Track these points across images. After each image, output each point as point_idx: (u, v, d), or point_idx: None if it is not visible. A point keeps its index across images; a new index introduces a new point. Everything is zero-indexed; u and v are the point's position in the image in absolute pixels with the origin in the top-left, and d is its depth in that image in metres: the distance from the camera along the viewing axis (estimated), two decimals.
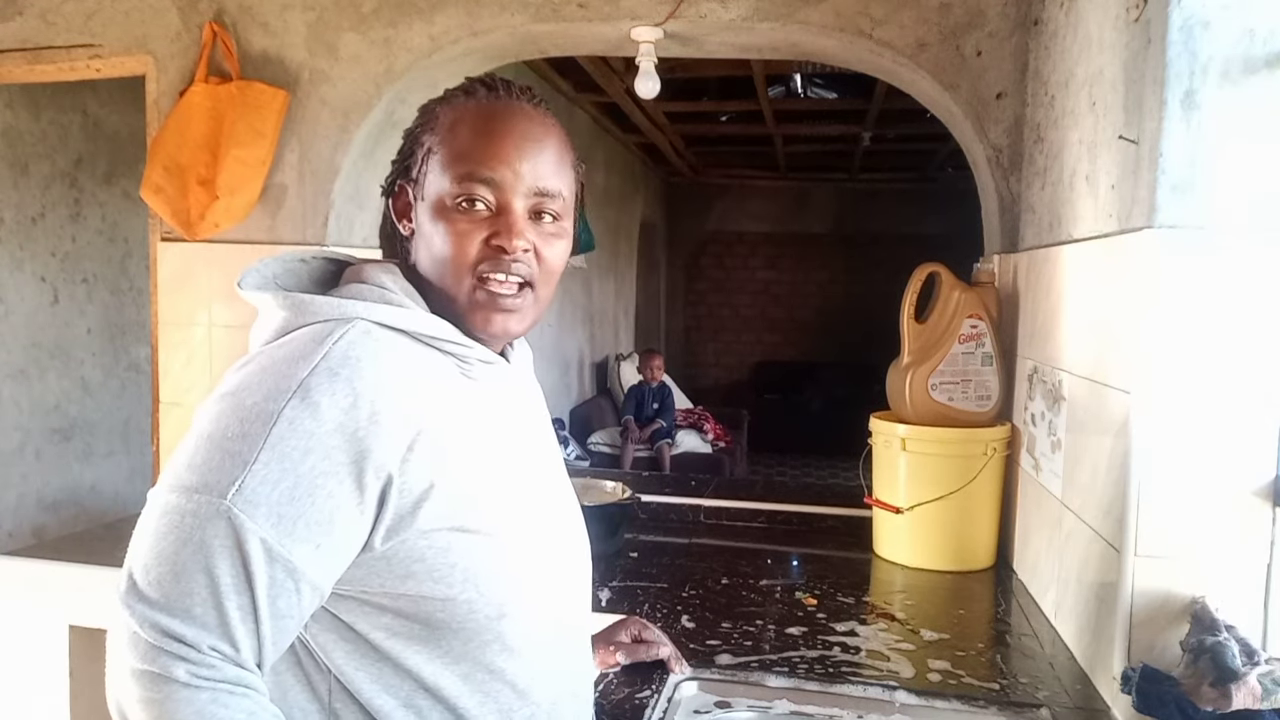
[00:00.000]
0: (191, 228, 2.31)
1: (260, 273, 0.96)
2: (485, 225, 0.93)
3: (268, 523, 0.78)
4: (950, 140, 2.54)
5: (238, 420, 0.80)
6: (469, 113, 0.97)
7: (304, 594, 0.81)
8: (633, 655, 1.35)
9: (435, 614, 0.87)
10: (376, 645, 0.87)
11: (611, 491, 2.16)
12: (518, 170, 0.93)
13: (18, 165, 3.06)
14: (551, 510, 1.03)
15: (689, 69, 4.78)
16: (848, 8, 2.13)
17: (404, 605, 0.86)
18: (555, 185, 0.96)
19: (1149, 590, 1.21)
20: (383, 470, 0.82)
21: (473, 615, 0.88)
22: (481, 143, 0.94)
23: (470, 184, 0.93)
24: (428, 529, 0.85)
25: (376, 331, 0.88)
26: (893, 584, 1.91)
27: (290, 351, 0.85)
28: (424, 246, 0.96)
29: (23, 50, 2.49)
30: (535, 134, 0.96)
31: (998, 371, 1.97)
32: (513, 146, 0.94)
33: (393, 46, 2.32)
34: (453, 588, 0.87)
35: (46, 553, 2.12)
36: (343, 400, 0.81)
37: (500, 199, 0.93)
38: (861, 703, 1.36)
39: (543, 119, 0.98)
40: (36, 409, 3.16)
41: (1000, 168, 2.10)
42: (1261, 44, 1.13)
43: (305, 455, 0.79)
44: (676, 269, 9.85)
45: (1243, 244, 1.16)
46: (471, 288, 0.94)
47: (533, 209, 0.95)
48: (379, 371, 0.85)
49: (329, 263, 1.04)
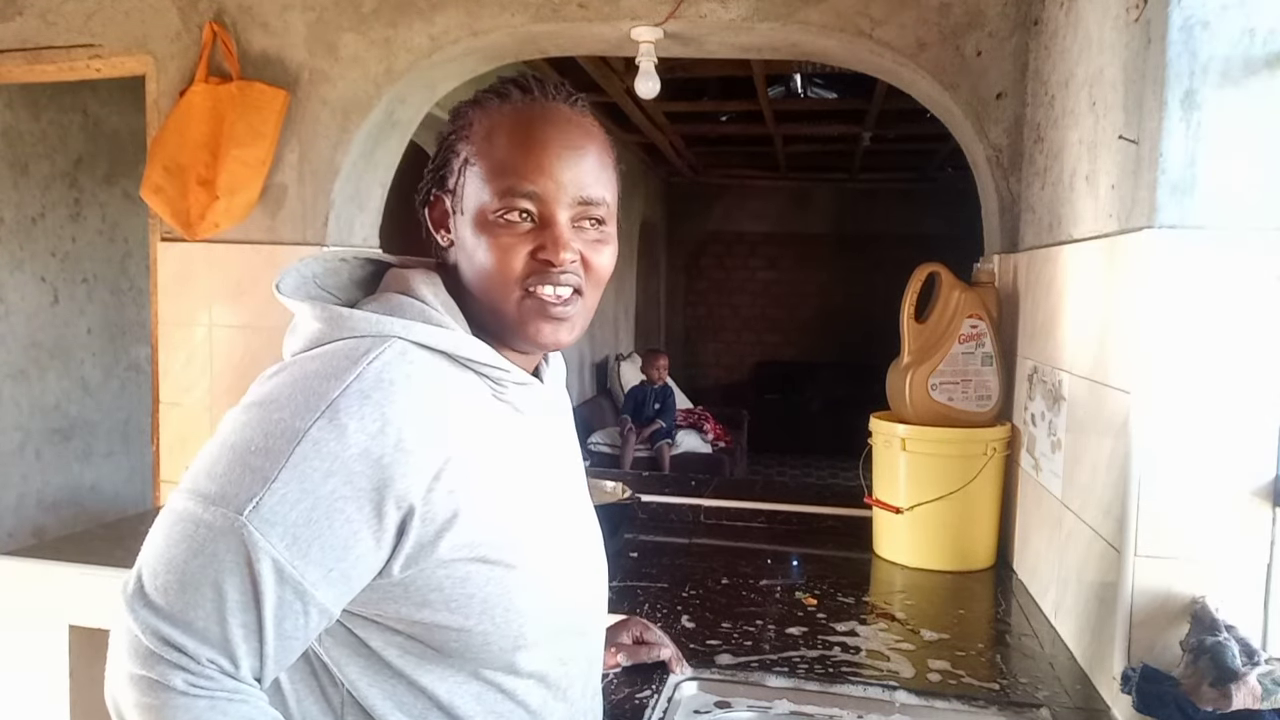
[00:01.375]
0: (191, 228, 2.30)
1: (300, 273, 0.94)
2: (530, 238, 0.90)
3: (282, 543, 0.76)
4: (950, 140, 2.54)
5: (263, 434, 0.78)
6: (505, 119, 0.92)
7: (311, 616, 0.79)
8: (634, 657, 1.35)
9: (450, 642, 0.86)
10: (390, 663, 0.86)
11: (611, 491, 2.16)
12: (560, 181, 0.90)
13: (18, 165, 3.06)
14: (574, 537, 1.01)
15: (689, 69, 4.78)
16: (848, 8, 2.13)
17: (419, 631, 0.86)
18: (599, 192, 0.92)
19: (1149, 590, 1.21)
20: (405, 500, 0.80)
21: (488, 646, 0.87)
22: (520, 153, 0.90)
23: (512, 198, 0.89)
24: (448, 559, 0.83)
25: (413, 353, 0.86)
26: (893, 584, 1.91)
27: (322, 367, 0.83)
28: (465, 259, 0.93)
29: (23, 50, 2.49)
30: (575, 140, 0.92)
31: (998, 371, 1.97)
32: (554, 156, 0.90)
33: (393, 46, 2.32)
34: (469, 619, 0.85)
35: (46, 553, 2.11)
36: (371, 425, 0.79)
37: (544, 211, 0.90)
38: (861, 703, 1.36)
39: (582, 122, 0.94)
40: (36, 409, 3.16)
41: (1000, 168, 2.10)
42: (1261, 44, 1.13)
43: (327, 478, 0.77)
44: (676, 269, 9.85)
45: (1243, 244, 1.15)
46: (519, 299, 0.90)
47: (577, 217, 0.92)
48: (411, 397, 0.82)
49: (368, 263, 1.01)
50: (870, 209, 9.22)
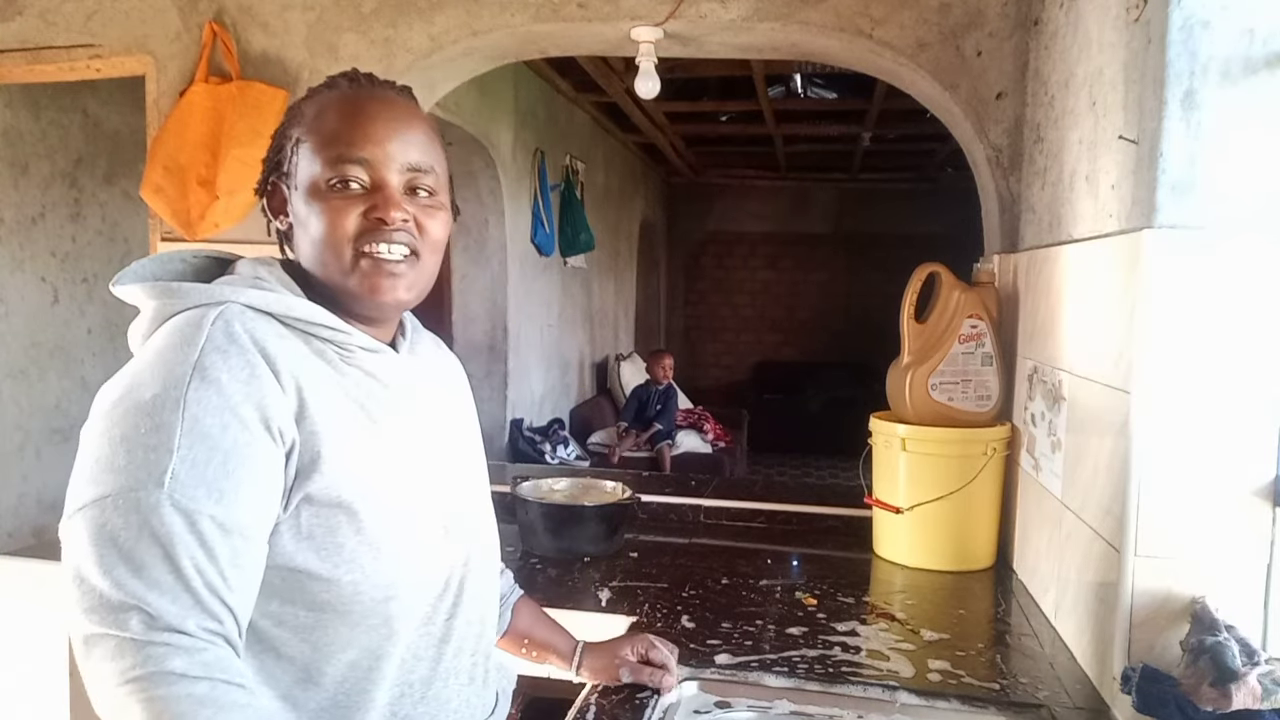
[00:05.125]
0: (191, 228, 2.31)
1: (136, 272, 0.96)
2: (362, 201, 0.95)
3: (210, 500, 0.79)
4: (950, 140, 2.54)
5: (145, 415, 0.80)
6: (334, 101, 0.98)
7: (259, 548, 0.84)
8: (635, 675, 1.32)
9: (321, 594, 0.88)
10: (262, 632, 0.88)
11: (611, 491, 2.16)
12: (388, 149, 0.95)
13: (18, 165, 3.06)
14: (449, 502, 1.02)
15: (689, 69, 4.78)
16: (848, 8, 2.14)
17: (292, 586, 0.88)
18: (427, 161, 0.98)
19: (1149, 590, 1.21)
20: (286, 433, 0.85)
21: (358, 597, 0.89)
22: (349, 125, 0.95)
23: (343, 165, 0.94)
24: (316, 500, 0.87)
25: (249, 314, 0.89)
26: (893, 584, 1.91)
27: (169, 341, 0.86)
28: (302, 233, 0.97)
29: (23, 50, 2.49)
30: (402, 116, 0.98)
31: (998, 371, 1.97)
32: (381, 126, 0.95)
33: (393, 46, 2.32)
34: (338, 568, 0.88)
35: (46, 553, 2.11)
36: (240, 373, 0.84)
37: (374, 176, 0.95)
38: (862, 703, 1.36)
39: (408, 105, 1.00)
40: (36, 409, 3.16)
41: (1000, 168, 2.10)
42: (1261, 44, 1.13)
43: (224, 430, 0.81)
44: (676, 269, 9.85)
45: (1243, 244, 1.15)
46: (353, 258, 0.95)
47: (408, 184, 0.97)
48: (261, 347, 0.87)
49: (214, 261, 1.04)
50: (870, 209, 9.22)
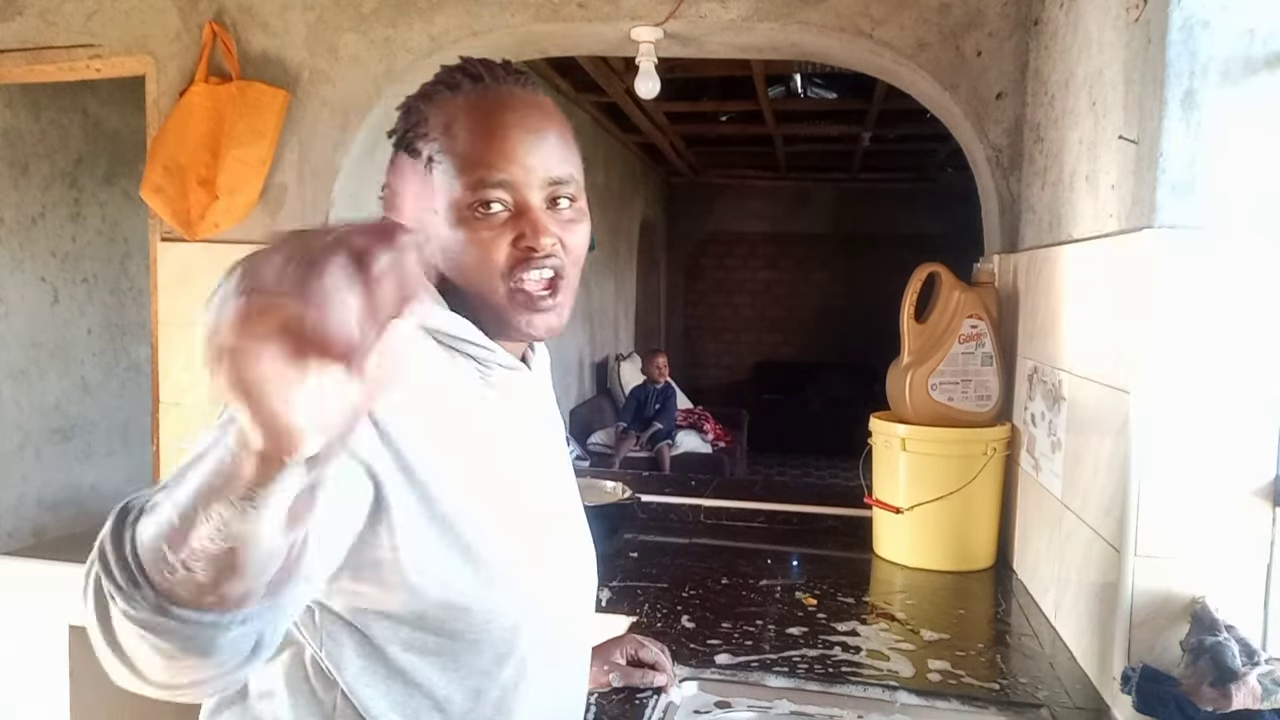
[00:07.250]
0: (191, 228, 2.31)
1: None
2: (509, 227, 0.90)
3: None
4: (950, 140, 2.54)
5: None
6: (461, 111, 0.92)
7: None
8: (627, 679, 1.31)
9: (452, 623, 0.86)
10: (392, 659, 0.86)
11: (611, 491, 2.16)
12: (527, 165, 0.90)
13: (18, 165, 3.06)
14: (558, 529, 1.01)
15: (689, 69, 4.78)
16: (848, 8, 2.14)
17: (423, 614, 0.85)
18: (566, 171, 0.93)
19: (1149, 590, 1.21)
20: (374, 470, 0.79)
21: (489, 625, 0.87)
22: (483, 144, 0.90)
23: (484, 190, 0.90)
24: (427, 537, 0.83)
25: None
26: (893, 584, 1.91)
27: None
28: (443, 255, 0.93)
29: (23, 50, 2.49)
30: (535, 123, 0.93)
31: (998, 371, 1.97)
32: (517, 141, 0.91)
33: (393, 46, 2.32)
34: (464, 595, 0.85)
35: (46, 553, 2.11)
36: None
37: (517, 198, 0.91)
38: (862, 703, 1.36)
39: (538, 102, 0.95)
40: (36, 409, 3.16)
41: (1000, 168, 2.10)
42: (1261, 44, 1.13)
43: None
44: (676, 269, 9.84)
45: (1243, 244, 1.15)
46: (508, 292, 0.91)
47: (549, 199, 0.92)
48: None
49: None
50: (870, 209, 9.22)
